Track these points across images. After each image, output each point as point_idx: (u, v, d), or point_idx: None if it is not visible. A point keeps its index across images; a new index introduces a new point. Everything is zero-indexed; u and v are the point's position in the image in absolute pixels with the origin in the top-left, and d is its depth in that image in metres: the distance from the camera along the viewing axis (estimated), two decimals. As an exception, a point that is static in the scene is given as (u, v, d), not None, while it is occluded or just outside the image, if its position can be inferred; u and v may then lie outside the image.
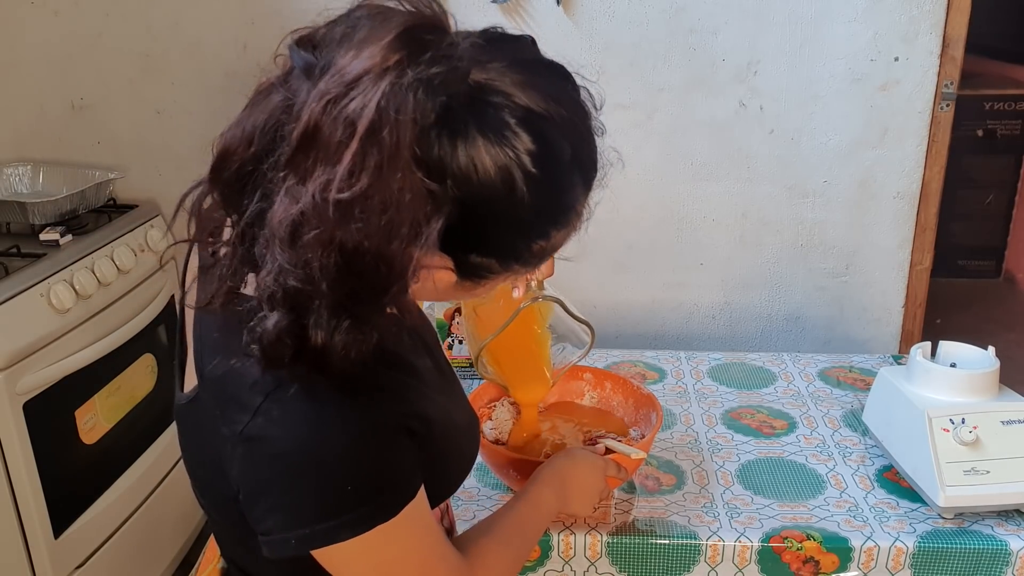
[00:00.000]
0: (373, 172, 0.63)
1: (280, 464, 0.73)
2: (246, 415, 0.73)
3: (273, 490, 0.74)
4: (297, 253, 0.65)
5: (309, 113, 0.64)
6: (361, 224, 0.64)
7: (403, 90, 0.63)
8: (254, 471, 0.74)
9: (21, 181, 2.16)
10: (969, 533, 1.26)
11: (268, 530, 0.75)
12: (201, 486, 0.86)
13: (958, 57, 1.95)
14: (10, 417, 1.64)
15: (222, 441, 0.76)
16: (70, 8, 2.10)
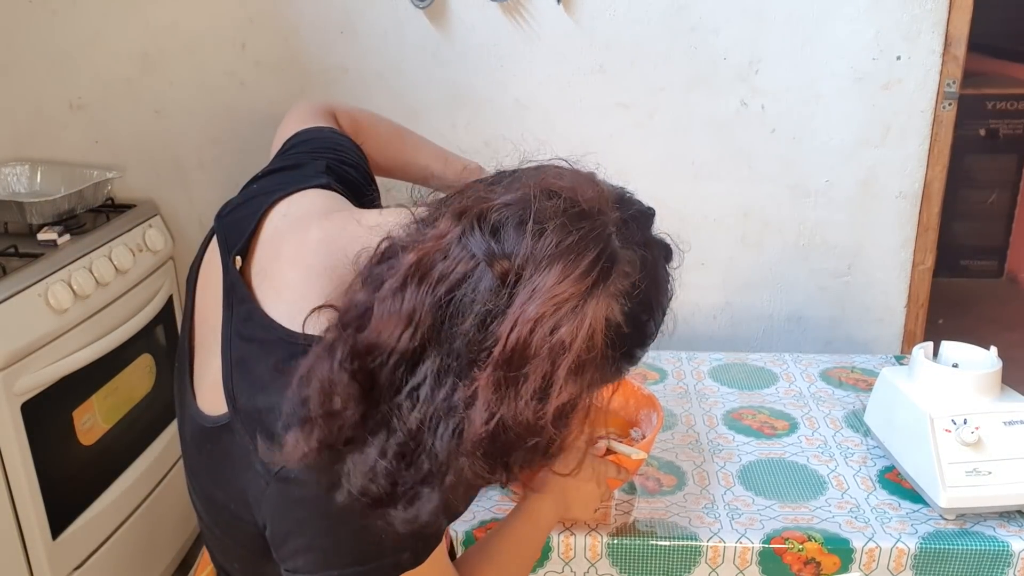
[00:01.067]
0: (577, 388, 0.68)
1: (314, 509, 0.73)
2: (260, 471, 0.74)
3: (305, 532, 0.74)
4: (489, 457, 0.67)
5: (516, 331, 0.65)
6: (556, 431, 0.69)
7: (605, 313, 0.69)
8: (287, 511, 0.74)
9: (19, 181, 2.16)
10: (971, 534, 1.26)
11: (296, 568, 0.75)
12: (217, 508, 0.85)
13: (960, 56, 1.94)
14: (8, 418, 1.64)
15: (254, 475, 0.75)
16: (68, 7, 2.10)
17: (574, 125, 2.07)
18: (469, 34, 1.98)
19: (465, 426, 0.66)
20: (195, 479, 0.89)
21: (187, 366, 0.89)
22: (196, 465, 0.88)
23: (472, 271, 0.67)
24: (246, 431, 0.77)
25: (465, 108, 2.06)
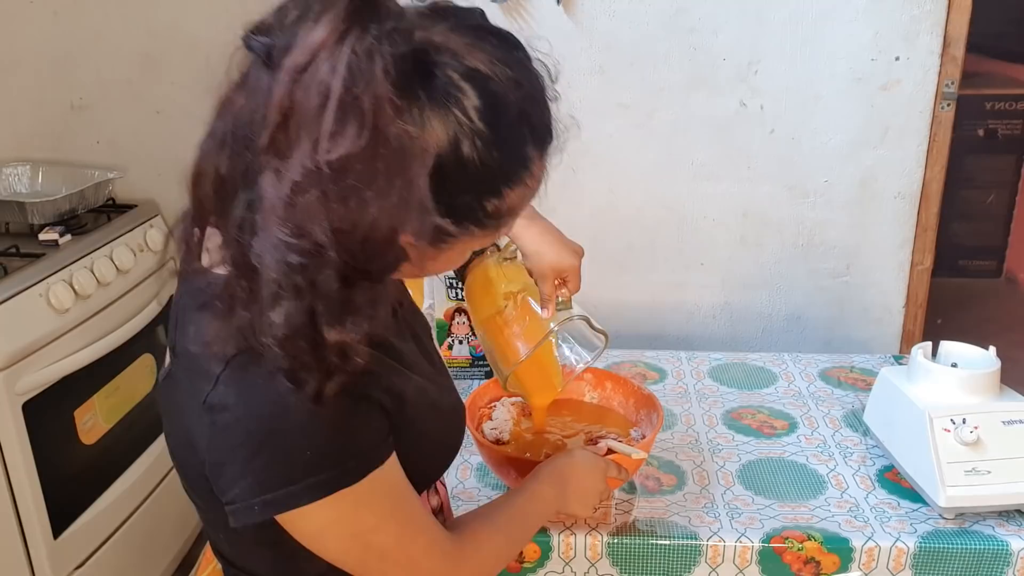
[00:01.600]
0: (355, 129, 0.64)
1: (240, 431, 0.74)
2: (208, 384, 0.74)
3: (236, 458, 0.75)
4: (298, 224, 0.66)
5: (281, 89, 0.65)
6: (354, 183, 0.65)
7: (365, 50, 0.65)
8: (217, 440, 0.75)
9: (20, 181, 2.16)
10: (970, 533, 1.26)
11: (233, 498, 0.76)
12: (181, 465, 0.86)
13: (959, 56, 1.95)
14: (9, 417, 1.64)
15: (192, 413, 0.77)
16: (70, 8, 2.10)
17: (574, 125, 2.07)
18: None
19: (264, 202, 0.67)
20: (168, 445, 0.90)
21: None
22: (165, 429, 0.89)
23: (249, 72, 0.70)
24: (182, 370, 0.80)
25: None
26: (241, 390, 0.74)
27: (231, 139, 0.70)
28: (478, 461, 1.46)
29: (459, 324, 1.71)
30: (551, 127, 0.83)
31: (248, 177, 0.69)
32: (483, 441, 1.29)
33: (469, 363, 1.73)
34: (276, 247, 0.67)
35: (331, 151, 0.64)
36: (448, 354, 1.72)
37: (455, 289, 1.68)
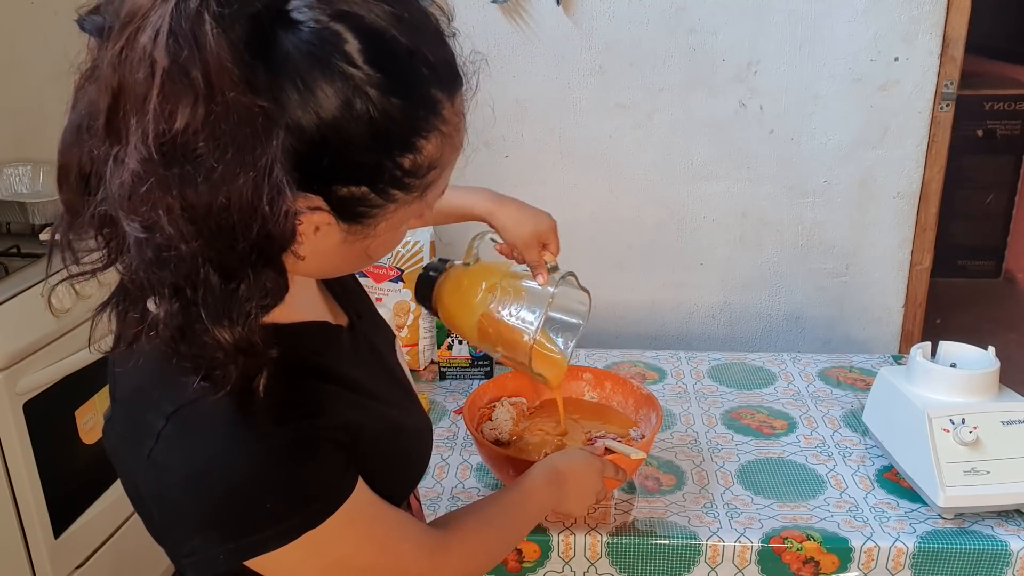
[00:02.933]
0: (188, 105, 0.56)
1: (193, 491, 0.69)
2: (151, 440, 0.69)
3: (190, 514, 0.70)
4: (145, 217, 0.59)
5: (107, 69, 0.59)
6: (195, 165, 0.58)
7: (193, 11, 0.56)
8: (168, 496, 0.71)
9: (21, 181, 2.16)
10: (969, 533, 1.26)
11: (192, 551, 0.71)
12: (136, 509, 0.81)
13: (958, 57, 1.95)
14: (10, 417, 1.64)
15: (137, 464, 0.72)
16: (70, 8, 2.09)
17: (574, 125, 2.08)
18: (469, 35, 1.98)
19: (111, 196, 0.60)
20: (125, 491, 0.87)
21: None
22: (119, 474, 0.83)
23: (96, 56, 0.64)
24: (122, 420, 0.76)
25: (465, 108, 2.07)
26: (185, 449, 0.69)
27: (85, 131, 0.63)
28: (478, 461, 1.46)
29: (459, 324, 1.71)
30: (454, 66, 0.73)
31: (101, 169, 0.62)
32: (482, 441, 1.30)
33: (469, 363, 1.73)
34: (134, 243, 0.60)
35: (162, 133, 0.56)
36: (448, 354, 1.73)
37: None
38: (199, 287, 0.62)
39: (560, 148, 2.10)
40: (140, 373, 0.72)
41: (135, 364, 0.71)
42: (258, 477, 0.69)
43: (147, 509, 0.76)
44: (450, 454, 1.49)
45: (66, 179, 0.65)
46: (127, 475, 0.78)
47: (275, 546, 0.70)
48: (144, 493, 0.74)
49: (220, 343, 0.64)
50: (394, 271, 1.77)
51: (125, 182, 0.58)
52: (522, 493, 1.04)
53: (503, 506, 1.01)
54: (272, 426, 0.69)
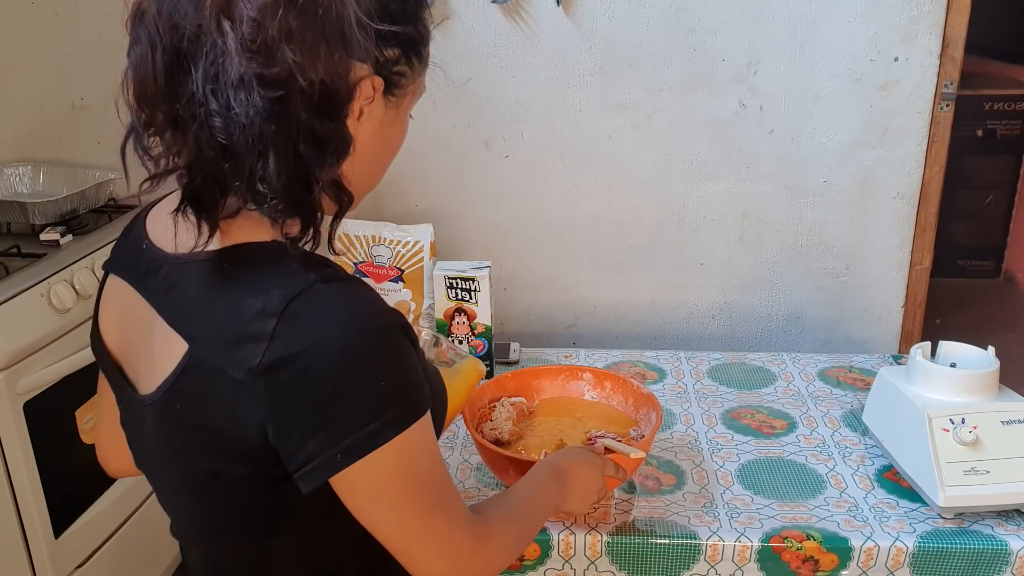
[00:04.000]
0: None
1: (310, 378, 0.72)
2: (260, 345, 0.72)
3: (308, 410, 0.72)
4: (268, 53, 0.69)
5: None
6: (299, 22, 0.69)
7: None
8: (283, 398, 0.72)
9: (21, 181, 2.16)
10: (969, 533, 1.27)
11: (310, 456, 0.73)
12: (202, 486, 0.82)
13: (958, 57, 1.95)
14: (10, 417, 1.64)
15: (235, 391, 0.73)
16: (70, 8, 2.10)
17: (574, 125, 2.08)
18: (469, 35, 1.99)
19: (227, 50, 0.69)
20: (168, 481, 0.87)
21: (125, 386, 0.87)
22: (165, 461, 0.85)
23: None
24: (211, 352, 0.75)
25: (465, 108, 2.07)
26: (301, 338, 0.71)
27: (160, 36, 0.72)
28: (478, 461, 1.46)
29: (459, 324, 1.71)
30: None
31: (192, 55, 0.70)
32: (482, 441, 1.30)
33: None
34: (247, 86, 0.69)
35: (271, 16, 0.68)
36: (448, 354, 1.73)
37: (455, 289, 1.69)
38: (300, 127, 0.71)
39: (560, 148, 2.10)
40: (214, 306, 0.75)
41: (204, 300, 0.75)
42: (372, 354, 0.73)
43: (239, 456, 0.76)
44: (450, 454, 1.49)
45: (143, 87, 0.73)
46: (211, 427, 0.77)
47: (387, 438, 0.73)
48: (248, 417, 0.74)
49: (323, 183, 0.74)
50: (394, 271, 1.77)
51: (247, 28, 0.68)
52: (537, 491, 1.04)
53: (523, 502, 1.01)
54: (385, 308, 0.75)
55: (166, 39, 0.71)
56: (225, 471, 0.78)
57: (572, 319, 2.24)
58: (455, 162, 2.11)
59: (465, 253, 2.16)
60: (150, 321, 0.81)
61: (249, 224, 0.77)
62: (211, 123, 0.70)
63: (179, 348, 0.77)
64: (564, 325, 2.25)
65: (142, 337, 0.84)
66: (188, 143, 0.72)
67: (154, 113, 0.74)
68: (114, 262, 0.89)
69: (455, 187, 2.13)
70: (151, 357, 0.82)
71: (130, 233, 0.89)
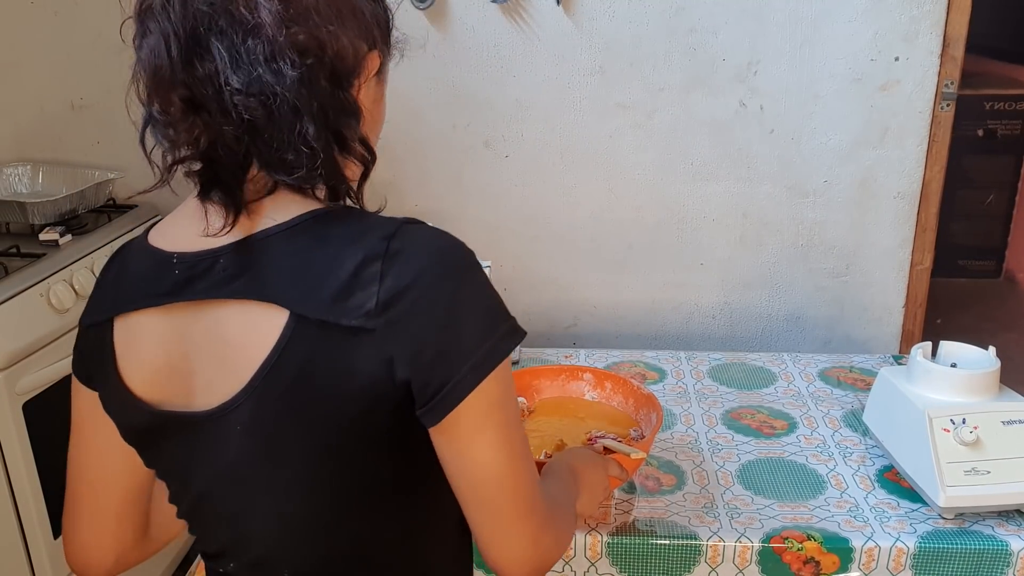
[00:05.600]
0: None
1: (427, 302, 0.74)
2: (372, 287, 0.72)
3: (432, 332, 0.74)
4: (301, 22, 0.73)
5: None
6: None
7: None
8: (407, 327, 0.73)
9: (21, 181, 2.16)
10: (970, 533, 1.26)
11: (441, 383, 0.73)
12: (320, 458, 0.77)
13: (958, 57, 1.95)
14: (10, 417, 1.64)
15: (353, 340, 0.73)
16: (70, 8, 2.10)
17: (574, 125, 2.08)
18: (469, 35, 1.98)
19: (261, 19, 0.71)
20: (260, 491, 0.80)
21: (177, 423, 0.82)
22: (259, 465, 0.79)
23: None
24: (319, 315, 0.73)
25: (465, 108, 2.07)
26: (409, 269, 0.73)
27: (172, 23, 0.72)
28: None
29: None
30: None
31: (211, 34, 0.72)
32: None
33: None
34: (281, 56, 0.71)
35: None
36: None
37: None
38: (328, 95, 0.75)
39: (560, 148, 2.10)
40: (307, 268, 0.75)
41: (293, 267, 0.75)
42: (478, 274, 0.78)
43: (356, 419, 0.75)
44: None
45: (159, 77, 0.74)
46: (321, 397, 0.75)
47: (506, 350, 0.76)
48: (367, 367, 0.73)
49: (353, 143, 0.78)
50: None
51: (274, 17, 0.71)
52: (562, 489, 1.00)
53: (563, 493, 0.98)
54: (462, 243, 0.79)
55: (179, 25, 0.72)
56: (340, 442, 0.77)
57: (572, 319, 2.24)
58: (455, 162, 2.11)
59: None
60: (209, 322, 0.78)
61: (277, 204, 0.77)
62: (234, 100, 0.71)
63: (275, 321, 0.75)
64: (564, 325, 2.24)
65: (196, 347, 0.79)
66: (209, 125, 0.73)
67: (169, 100, 0.74)
68: (116, 303, 0.84)
69: (455, 187, 2.13)
70: (219, 358, 0.78)
71: (126, 268, 0.85)
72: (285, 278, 0.75)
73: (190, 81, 0.72)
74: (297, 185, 0.76)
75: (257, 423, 0.77)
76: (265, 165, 0.75)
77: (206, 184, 0.76)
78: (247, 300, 0.76)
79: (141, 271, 0.83)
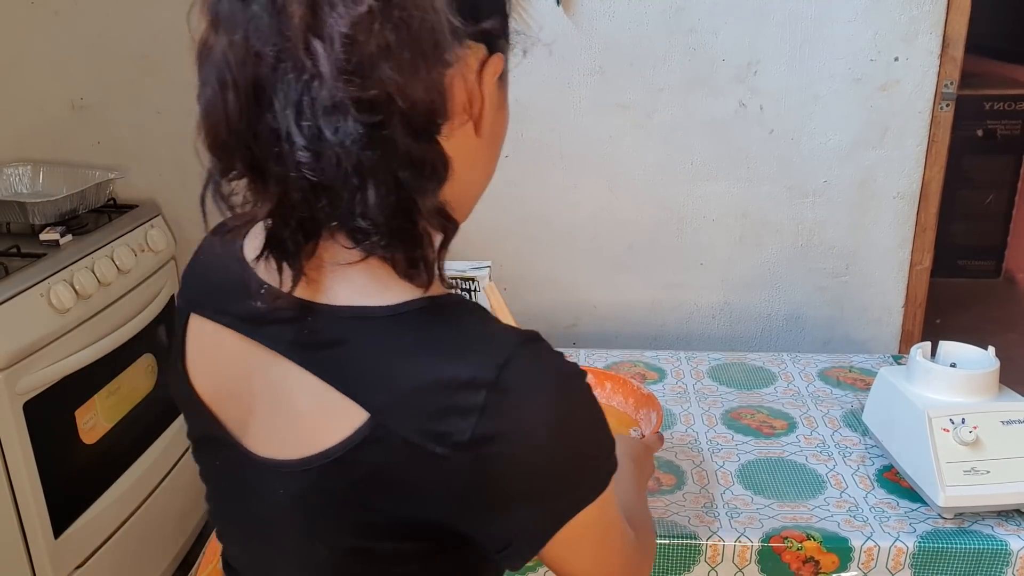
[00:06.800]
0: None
1: (527, 451, 0.66)
2: (469, 419, 0.64)
3: (523, 482, 0.67)
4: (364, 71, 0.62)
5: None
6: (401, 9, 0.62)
7: None
8: (494, 472, 0.66)
9: (21, 181, 2.16)
10: (969, 533, 1.27)
11: (522, 527, 0.69)
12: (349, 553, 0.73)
13: (958, 57, 1.95)
14: (10, 417, 1.64)
15: (430, 466, 0.66)
16: (70, 8, 2.10)
17: (574, 125, 2.08)
18: (469, 35, 1.98)
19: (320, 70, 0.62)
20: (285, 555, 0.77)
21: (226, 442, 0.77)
22: (292, 535, 0.75)
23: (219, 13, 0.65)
24: (401, 424, 0.66)
25: (465, 109, 2.07)
26: (516, 411, 0.66)
27: (231, 71, 0.63)
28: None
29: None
30: None
31: (272, 84, 0.63)
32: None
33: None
34: (342, 112, 0.61)
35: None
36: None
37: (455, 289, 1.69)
38: (399, 153, 0.64)
39: (560, 148, 2.10)
40: (402, 372, 0.67)
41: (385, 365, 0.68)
42: (588, 418, 0.71)
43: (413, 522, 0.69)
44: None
45: (216, 131, 0.65)
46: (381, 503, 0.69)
47: (597, 494, 0.70)
48: (434, 493, 0.67)
49: (425, 212, 0.66)
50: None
51: (338, 50, 0.61)
52: (637, 487, 0.99)
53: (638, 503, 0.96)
54: (572, 363, 0.70)
55: (239, 73, 0.64)
56: (375, 548, 0.71)
57: (572, 319, 2.24)
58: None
59: (465, 253, 2.15)
60: (277, 375, 0.73)
61: (372, 275, 0.70)
62: (298, 159, 0.63)
63: (351, 416, 0.68)
64: (564, 325, 2.24)
65: (261, 391, 0.75)
66: (270, 187, 0.65)
67: (231, 160, 0.66)
68: (195, 301, 0.80)
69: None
70: (282, 417, 0.73)
71: (212, 266, 0.81)
72: (373, 375, 0.68)
73: (249, 138, 0.64)
74: (378, 255, 0.68)
75: (301, 499, 0.72)
76: (338, 230, 0.68)
77: (267, 240, 0.69)
78: (319, 377, 0.69)
79: (227, 280, 0.77)
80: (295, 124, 0.62)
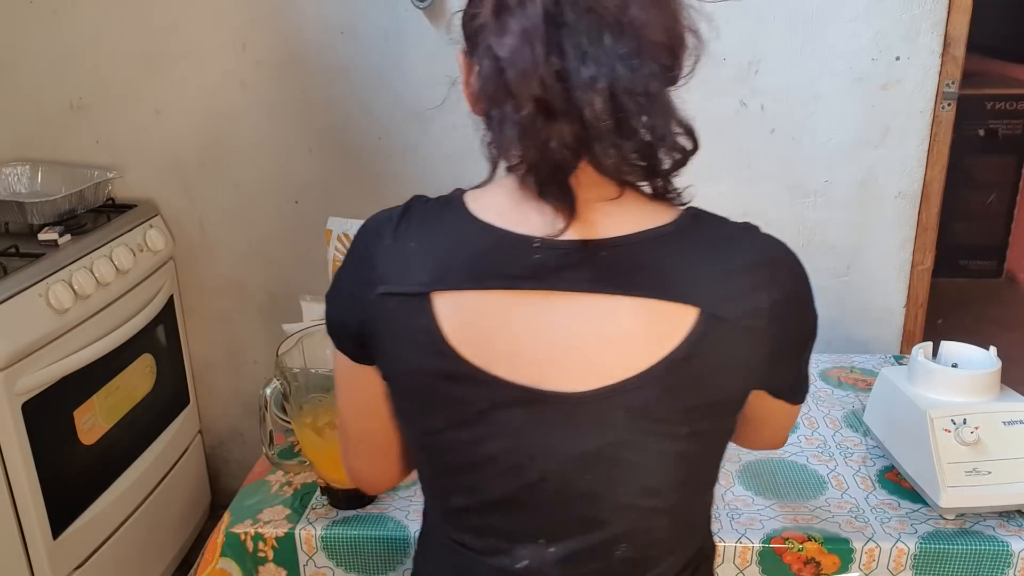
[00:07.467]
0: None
1: (802, 307, 0.89)
2: (762, 291, 0.83)
3: (803, 333, 0.89)
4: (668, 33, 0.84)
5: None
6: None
7: None
8: (785, 329, 0.84)
9: (20, 181, 2.16)
10: (971, 534, 1.26)
11: (804, 370, 0.92)
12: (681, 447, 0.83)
13: (960, 56, 1.94)
14: (9, 417, 1.64)
15: (745, 337, 0.81)
16: (69, 8, 2.10)
17: (574, 125, 2.07)
18: (469, 34, 1.98)
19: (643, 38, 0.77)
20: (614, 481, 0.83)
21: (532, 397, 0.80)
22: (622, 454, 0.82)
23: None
24: (728, 314, 0.81)
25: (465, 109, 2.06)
26: (789, 278, 0.89)
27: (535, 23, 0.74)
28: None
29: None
30: None
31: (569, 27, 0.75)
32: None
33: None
34: (647, 54, 0.79)
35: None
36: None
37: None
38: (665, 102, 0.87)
39: (560, 148, 2.10)
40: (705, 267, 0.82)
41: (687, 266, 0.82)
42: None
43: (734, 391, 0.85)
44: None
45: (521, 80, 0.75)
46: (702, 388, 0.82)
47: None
48: (746, 360, 0.83)
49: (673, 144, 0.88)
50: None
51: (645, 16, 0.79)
52: None
53: None
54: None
55: (539, 21, 0.74)
56: (713, 427, 0.86)
57: (572, 319, 2.23)
58: (455, 162, 2.10)
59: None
60: (584, 311, 0.80)
61: (626, 205, 0.84)
62: (584, 97, 0.74)
63: (684, 317, 0.79)
64: (564, 325, 2.24)
65: (560, 335, 0.80)
66: (553, 124, 0.75)
67: (523, 100, 0.74)
68: (435, 280, 0.82)
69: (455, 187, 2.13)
70: (600, 346, 0.80)
71: (434, 245, 0.84)
72: (690, 278, 0.81)
73: (547, 80, 0.73)
74: (635, 186, 0.83)
75: (643, 409, 0.80)
76: (600, 166, 0.78)
77: (542, 183, 0.78)
78: (639, 296, 0.80)
79: (469, 250, 0.82)
80: (583, 65, 0.74)
